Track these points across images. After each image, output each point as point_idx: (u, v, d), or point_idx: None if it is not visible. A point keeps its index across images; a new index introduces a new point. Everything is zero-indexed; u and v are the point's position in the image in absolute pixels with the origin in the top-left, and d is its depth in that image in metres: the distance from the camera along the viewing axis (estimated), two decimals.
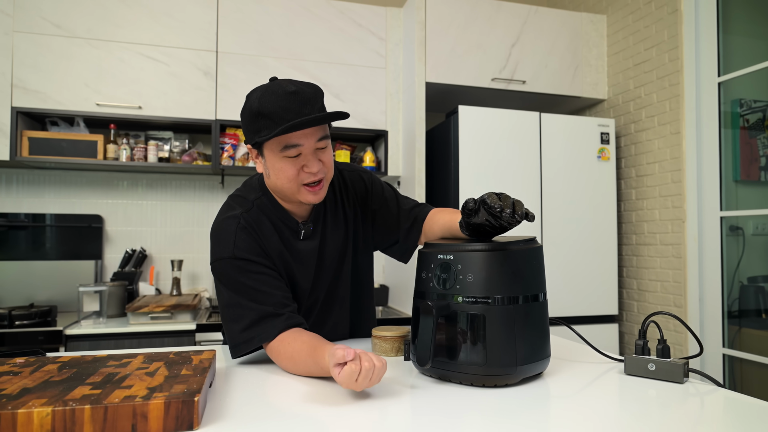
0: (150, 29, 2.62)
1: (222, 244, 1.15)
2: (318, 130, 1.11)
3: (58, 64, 2.50)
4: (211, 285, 2.97)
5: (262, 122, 1.08)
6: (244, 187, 1.27)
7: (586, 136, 2.83)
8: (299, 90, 1.09)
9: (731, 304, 2.47)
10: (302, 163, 1.11)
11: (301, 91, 1.09)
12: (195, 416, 0.72)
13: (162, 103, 2.62)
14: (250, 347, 1.10)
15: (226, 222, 1.16)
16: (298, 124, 1.04)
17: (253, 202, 1.20)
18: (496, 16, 2.89)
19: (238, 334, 1.11)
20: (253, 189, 1.23)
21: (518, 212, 0.96)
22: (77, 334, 2.24)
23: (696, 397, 0.91)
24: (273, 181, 1.15)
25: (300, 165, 1.11)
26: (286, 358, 1.05)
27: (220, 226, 1.17)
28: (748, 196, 2.47)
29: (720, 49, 2.54)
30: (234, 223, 1.16)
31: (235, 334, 1.11)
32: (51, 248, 2.73)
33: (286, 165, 1.11)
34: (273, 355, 1.09)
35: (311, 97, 1.10)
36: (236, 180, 3.05)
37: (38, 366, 0.89)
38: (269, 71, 2.76)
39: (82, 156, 2.54)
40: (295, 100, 1.07)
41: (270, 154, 1.12)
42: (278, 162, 1.11)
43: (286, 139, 1.09)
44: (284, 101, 1.07)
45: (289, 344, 1.05)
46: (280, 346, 1.07)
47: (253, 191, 1.23)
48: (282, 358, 1.07)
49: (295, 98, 1.08)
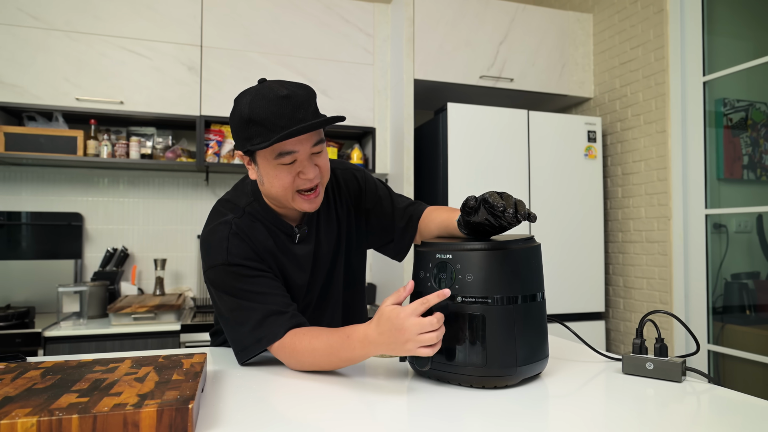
0: (132, 22, 2.55)
1: (215, 251, 1.10)
2: (313, 135, 1.07)
3: (35, 57, 2.42)
4: (196, 284, 2.92)
5: (253, 129, 1.03)
6: (234, 191, 1.22)
7: (574, 134, 2.84)
8: (291, 93, 1.03)
9: (715, 300, 2.50)
10: (298, 169, 1.07)
11: (293, 94, 1.03)
12: (189, 424, 0.69)
13: (144, 98, 2.56)
14: (260, 347, 1.05)
15: (218, 228, 1.12)
16: (293, 132, 1.00)
17: (244, 209, 1.16)
18: (484, 13, 2.88)
19: (246, 335, 1.06)
20: (245, 194, 1.19)
21: (521, 212, 0.94)
22: (57, 336, 2.17)
23: (695, 396, 0.90)
24: (267, 188, 1.11)
25: (296, 172, 1.07)
26: (306, 352, 1.01)
27: (211, 233, 1.13)
28: (731, 194, 2.50)
29: (705, 49, 2.56)
30: (226, 229, 1.11)
31: (242, 336, 1.07)
32: (28, 247, 2.65)
33: (281, 172, 1.06)
34: (286, 351, 1.04)
35: (304, 101, 1.04)
36: (221, 177, 3.00)
37: (20, 372, 0.85)
38: (255, 66, 2.71)
39: (62, 152, 2.46)
40: (287, 104, 1.02)
41: (263, 162, 1.07)
42: (272, 170, 1.07)
43: (281, 146, 1.04)
44: (276, 106, 1.01)
45: (307, 338, 1.02)
46: (296, 341, 1.02)
47: (244, 196, 1.18)
48: (299, 353, 1.02)
49: (287, 103, 1.02)
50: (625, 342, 2.85)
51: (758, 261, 2.37)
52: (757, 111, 2.44)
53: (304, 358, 1.02)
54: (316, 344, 1.00)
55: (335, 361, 1.00)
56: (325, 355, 1.00)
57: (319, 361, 1.02)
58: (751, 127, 2.45)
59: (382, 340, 0.91)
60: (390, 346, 0.91)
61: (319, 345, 1.00)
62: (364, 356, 0.97)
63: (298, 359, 1.03)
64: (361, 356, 0.97)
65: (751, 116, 2.46)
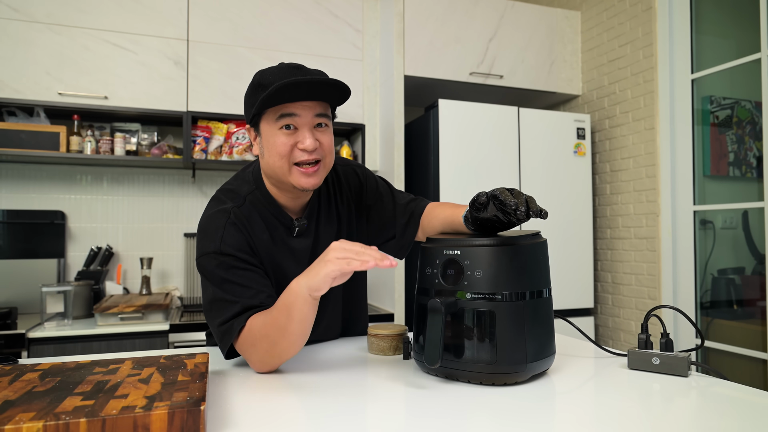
0: (116, 15, 2.49)
1: (209, 238, 1.08)
2: (317, 105, 1.07)
3: (15, 50, 2.34)
4: (183, 283, 2.87)
5: (259, 93, 1.05)
6: (235, 179, 1.20)
7: (563, 131, 2.85)
8: (303, 66, 1.08)
9: (703, 296, 2.53)
10: (297, 138, 1.06)
11: (304, 67, 1.08)
12: (201, 426, 0.67)
13: (129, 93, 2.50)
14: (231, 338, 1.02)
15: (216, 215, 1.10)
16: (292, 83, 0.99)
17: (245, 197, 1.14)
18: (474, 9, 2.88)
19: (219, 327, 1.04)
20: (246, 182, 1.17)
21: (532, 210, 0.93)
22: (41, 337, 2.11)
23: (701, 390, 0.91)
24: (266, 160, 1.09)
25: (295, 140, 1.06)
26: (260, 336, 0.97)
27: (209, 219, 1.10)
28: (717, 190, 2.54)
29: (693, 47, 2.59)
30: (224, 217, 1.09)
31: (216, 328, 1.04)
32: (8, 246, 2.57)
33: (280, 137, 1.06)
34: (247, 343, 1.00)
35: (314, 71, 1.08)
36: (208, 174, 2.95)
37: (17, 375, 0.82)
38: (243, 61, 2.67)
39: (44, 148, 2.39)
40: (297, 72, 1.06)
41: (266, 127, 1.08)
42: (272, 136, 1.06)
43: (282, 108, 1.04)
44: (285, 72, 1.05)
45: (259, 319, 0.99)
46: (251, 327, 0.99)
47: (246, 184, 1.17)
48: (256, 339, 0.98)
49: (297, 71, 1.06)
50: (614, 338, 2.88)
51: (744, 257, 2.41)
52: (742, 109, 2.48)
53: (261, 343, 0.98)
54: (265, 318, 0.98)
55: (284, 321, 0.95)
56: (274, 326, 0.96)
57: (272, 334, 0.96)
58: (737, 125, 2.49)
59: (309, 271, 0.93)
60: (313, 271, 0.91)
61: (267, 317, 0.98)
62: (301, 296, 0.93)
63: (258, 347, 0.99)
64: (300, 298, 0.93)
65: (736, 114, 2.49)
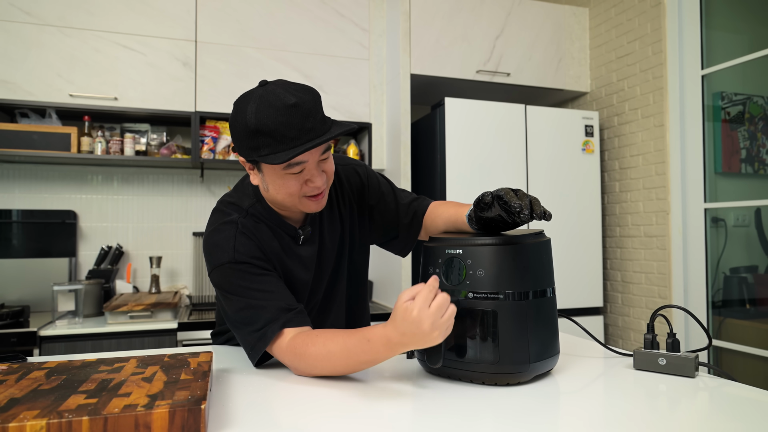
0: (125, 17, 2.51)
1: (220, 249, 1.07)
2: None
3: (28, 53, 2.37)
4: (191, 282, 2.89)
5: (261, 140, 0.98)
6: (235, 192, 1.18)
7: (571, 128, 2.83)
8: (299, 101, 0.98)
9: (715, 294, 2.50)
10: (306, 177, 1.04)
11: (300, 102, 0.98)
12: (202, 425, 0.68)
13: (139, 94, 2.52)
14: (265, 345, 1.01)
15: (224, 227, 1.09)
16: (307, 148, 0.97)
17: (247, 210, 1.13)
18: (480, 7, 2.87)
19: (254, 334, 1.02)
20: (247, 195, 1.16)
21: (536, 211, 0.92)
22: (52, 335, 2.14)
23: (709, 392, 0.90)
24: (272, 195, 1.08)
25: (303, 179, 1.04)
26: (320, 357, 0.96)
27: (216, 232, 1.09)
28: (729, 187, 2.51)
29: (703, 43, 2.56)
30: (233, 228, 1.09)
31: (250, 335, 1.03)
32: (21, 245, 2.61)
33: (288, 181, 1.03)
34: (294, 354, 0.99)
35: (311, 108, 1.00)
36: (216, 174, 2.97)
37: (24, 373, 0.83)
38: (250, 62, 2.68)
39: (55, 149, 2.42)
40: (296, 114, 0.97)
41: (269, 170, 1.04)
42: (279, 179, 1.04)
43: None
44: (284, 116, 0.97)
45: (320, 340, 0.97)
46: (307, 344, 0.97)
47: (246, 198, 1.15)
48: (311, 356, 0.97)
49: (295, 112, 0.97)
50: (623, 337, 2.86)
51: (757, 255, 2.38)
52: (754, 105, 2.45)
53: (317, 362, 0.97)
54: (332, 347, 0.95)
55: (353, 364, 0.95)
56: (343, 359, 0.95)
57: (335, 365, 0.96)
58: (749, 121, 2.46)
59: (406, 339, 0.87)
60: (418, 342, 0.87)
61: (336, 348, 0.95)
62: (388, 357, 0.93)
63: (309, 363, 0.98)
64: (386, 358, 0.93)
65: (748, 110, 2.46)
